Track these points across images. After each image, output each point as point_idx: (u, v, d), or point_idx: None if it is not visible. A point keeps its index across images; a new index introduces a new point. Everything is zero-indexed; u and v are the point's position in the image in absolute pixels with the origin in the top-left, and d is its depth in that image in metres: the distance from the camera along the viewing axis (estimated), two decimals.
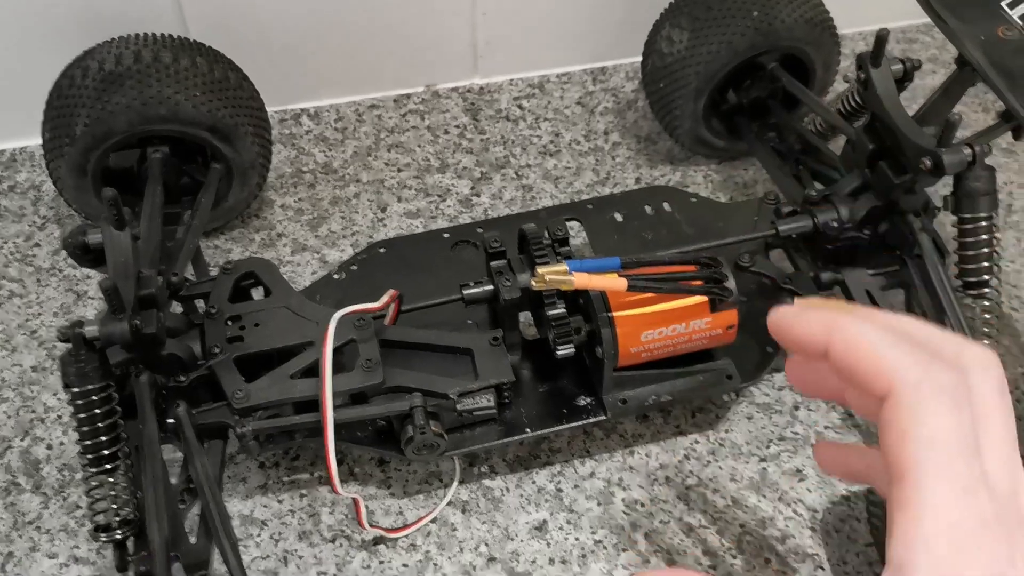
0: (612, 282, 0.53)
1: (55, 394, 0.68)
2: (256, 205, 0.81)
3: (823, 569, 0.61)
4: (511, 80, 0.93)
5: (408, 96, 0.91)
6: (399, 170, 0.85)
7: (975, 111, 0.90)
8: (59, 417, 0.67)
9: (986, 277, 0.60)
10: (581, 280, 0.52)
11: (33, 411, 0.67)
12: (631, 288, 0.53)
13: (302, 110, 0.90)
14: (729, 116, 0.82)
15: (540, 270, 0.52)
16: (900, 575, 0.33)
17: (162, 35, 0.71)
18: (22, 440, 0.66)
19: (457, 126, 0.89)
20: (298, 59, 0.86)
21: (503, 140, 0.88)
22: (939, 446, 0.34)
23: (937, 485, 0.33)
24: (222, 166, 0.72)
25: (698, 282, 0.57)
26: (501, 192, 0.83)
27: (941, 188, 0.64)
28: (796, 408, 0.69)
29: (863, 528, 0.63)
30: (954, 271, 0.62)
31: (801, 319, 0.38)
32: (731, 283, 0.57)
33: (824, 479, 0.65)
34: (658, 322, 0.57)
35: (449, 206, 0.82)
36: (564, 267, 0.52)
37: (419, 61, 0.90)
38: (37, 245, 0.78)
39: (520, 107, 0.91)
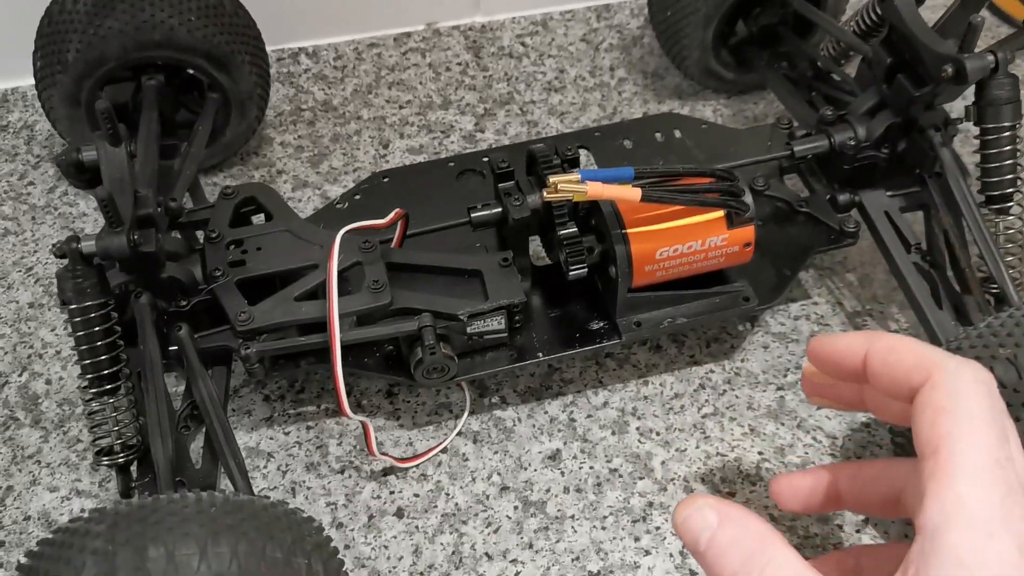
0: (626, 192, 0.51)
1: (53, 330, 0.67)
2: (255, 142, 0.79)
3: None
4: (513, 18, 0.91)
5: (408, 34, 0.89)
6: (400, 107, 0.83)
7: (998, 24, 0.88)
8: (57, 352, 0.65)
9: (1010, 190, 0.58)
10: (595, 189, 0.50)
11: (31, 347, 0.66)
12: (645, 198, 0.51)
13: (300, 49, 0.88)
14: (738, 47, 0.80)
15: (552, 179, 0.51)
16: (935, 537, 0.34)
17: None
18: (20, 375, 0.64)
19: (459, 63, 0.87)
20: None
21: (506, 77, 0.86)
22: (976, 420, 0.36)
23: (972, 452, 0.35)
24: (219, 96, 0.70)
25: (714, 195, 0.55)
26: (505, 128, 0.81)
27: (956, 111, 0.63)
28: (813, 336, 0.67)
29: (885, 455, 0.61)
30: (976, 187, 0.60)
31: (841, 336, 0.42)
32: (748, 197, 0.55)
33: None
34: (674, 238, 0.55)
35: (453, 142, 0.80)
36: (576, 176, 0.51)
37: None
38: (31, 184, 0.76)
39: (523, 44, 0.89)
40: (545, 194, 0.51)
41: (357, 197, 0.66)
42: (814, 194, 0.65)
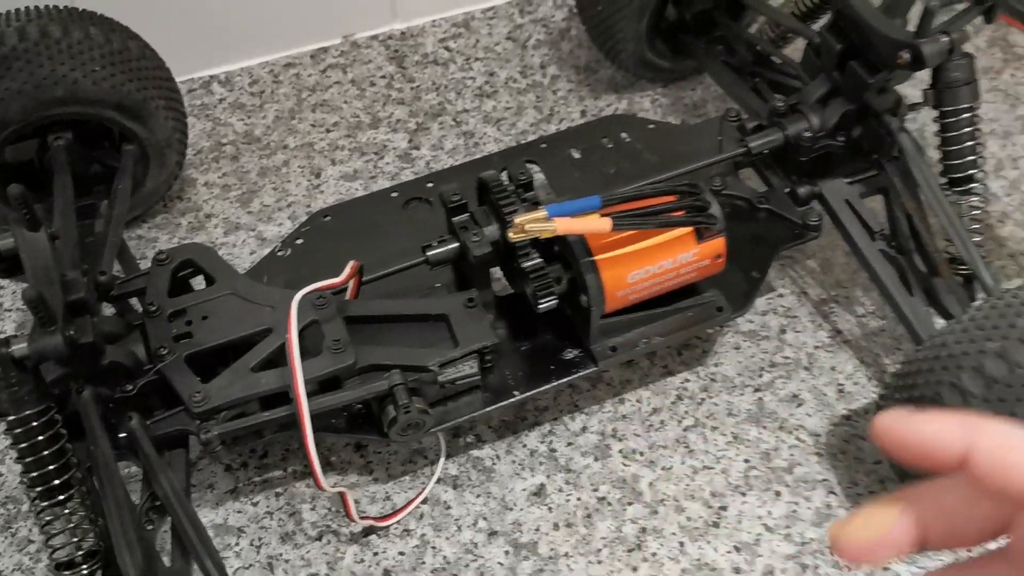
0: (596, 223, 0.49)
1: None
2: (177, 186, 0.74)
3: (835, 494, 0.59)
4: (433, 21, 0.87)
5: (325, 50, 0.85)
6: (328, 130, 0.79)
7: None
8: None
9: (972, 172, 0.57)
10: (564, 225, 0.48)
11: None
12: (616, 227, 0.49)
13: (211, 77, 0.83)
14: (673, 35, 0.77)
15: (517, 219, 0.48)
16: None
17: (46, 7, 0.63)
18: None
19: (383, 76, 0.83)
20: (199, 20, 0.79)
21: (435, 86, 0.82)
22: None
23: None
24: (135, 147, 0.65)
25: (680, 213, 0.53)
26: (442, 142, 0.78)
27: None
28: (783, 332, 0.66)
29: (868, 446, 0.60)
30: (937, 169, 0.59)
31: (930, 420, 0.32)
32: (715, 209, 0.53)
33: (822, 401, 0.62)
34: (644, 260, 0.53)
35: (388, 163, 0.76)
36: (543, 213, 0.48)
37: (332, 10, 0.83)
38: None
39: (448, 49, 0.85)
40: (511, 235, 0.48)
41: (299, 241, 0.62)
42: (772, 189, 0.64)
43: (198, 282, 0.58)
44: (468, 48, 0.85)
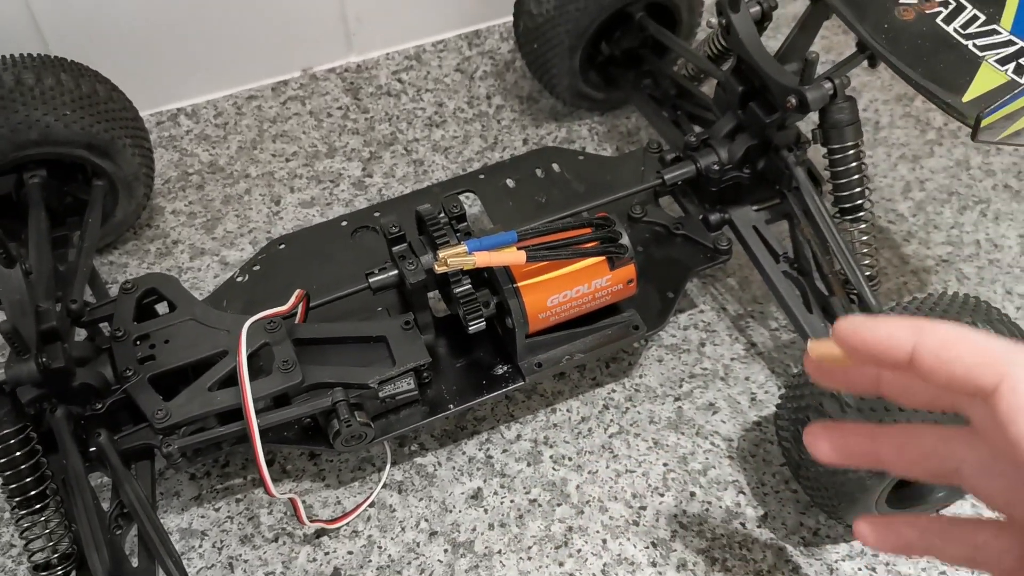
0: (512, 256, 0.55)
1: None
2: (146, 214, 0.79)
3: (744, 493, 0.65)
4: (387, 54, 0.93)
5: (286, 83, 0.90)
6: (287, 160, 0.84)
7: (836, 34, 0.94)
8: None
9: (860, 202, 0.63)
10: (482, 258, 0.54)
11: None
12: (530, 259, 0.55)
13: (179, 110, 0.88)
14: (604, 68, 0.83)
15: (442, 254, 0.54)
16: None
17: (20, 55, 0.69)
18: None
19: (339, 107, 0.88)
20: (166, 57, 0.85)
21: (387, 117, 0.88)
22: None
23: None
24: (105, 182, 0.70)
25: (593, 243, 0.59)
26: (393, 170, 0.83)
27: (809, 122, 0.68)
28: (702, 345, 0.72)
29: (776, 450, 0.67)
30: (830, 199, 0.65)
31: (881, 324, 0.36)
32: (625, 240, 0.59)
33: (735, 409, 0.68)
34: (562, 286, 0.59)
35: (343, 190, 0.82)
36: (463, 248, 0.54)
37: (292, 44, 0.89)
38: None
39: (400, 81, 0.91)
40: (436, 267, 0.54)
41: (256, 268, 0.68)
42: (688, 215, 0.70)
43: (162, 307, 0.63)
44: (419, 80, 0.91)
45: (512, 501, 0.64)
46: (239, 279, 0.67)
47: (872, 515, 0.41)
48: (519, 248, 0.55)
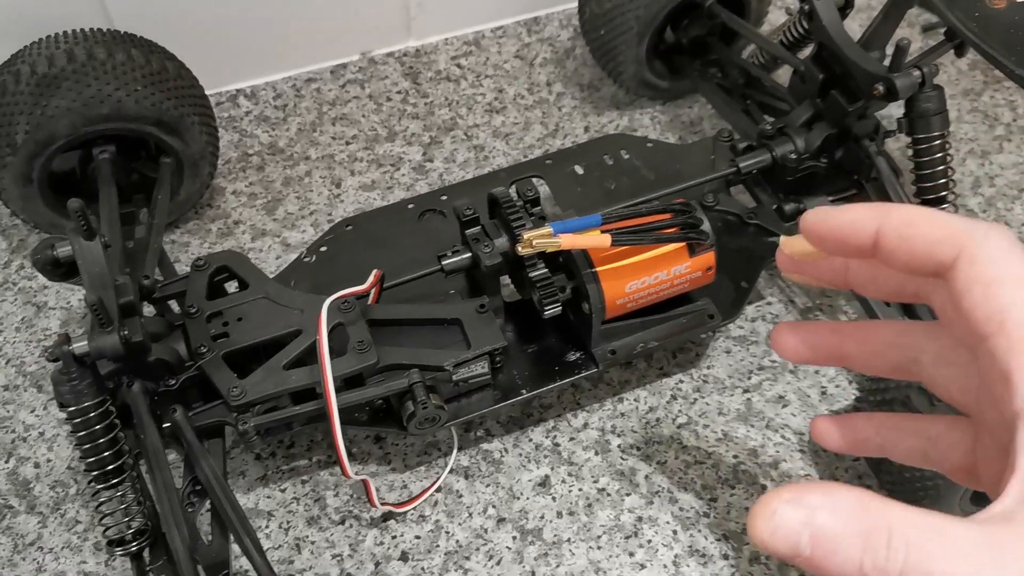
0: (597, 239, 0.54)
1: (32, 411, 0.67)
2: (207, 194, 0.79)
3: None
4: (446, 39, 0.92)
5: (344, 66, 0.90)
6: (347, 143, 0.84)
7: (901, 27, 0.92)
8: (41, 434, 0.65)
9: (944, 193, 0.62)
10: (567, 241, 0.53)
11: (13, 431, 0.66)
12: (615, 243, 0.54)
13: (238, 91, 0.88)
14: (669, 56, 0.82)
15: (526, 235, 0.53)
16: None
17: (91, 30, 0.68)
18: (6, 462, 0.64)
19: (399, 91, 0.88)
20: (227, 37, 0.84)
21: (447, 102, 0.87)
22: None
23: None
24: (172, 160, 0.70)
25: (674, 229, 0.58)
26: (453, 155, 0.83)
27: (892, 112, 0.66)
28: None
29: None
30: (912, 190, 0.64)
31: (846, 211, 0.36)
32: (706, 226, 0.58)
33: (805, 402, 0.67)
34: (641, 272, 0.58)
35: (404, 174, 0.81)
36: (548, 229, 0.53)
37: (351, 28, 0.88)
38: None
39: (459, 66, 0.90)
40: (520, 249, 0.53)
41: (323, 249, 0.67)
42: (761, 205, 0.69)
43: (231, 286, 0.63)
44: (479, 65, 0.90)
45: (580, 489, 0.63)
46: (306, 259, 0.66)
47: (830, 415, 0.43)
48: (603, 231, 0.54)
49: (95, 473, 0.51)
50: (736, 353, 0.70)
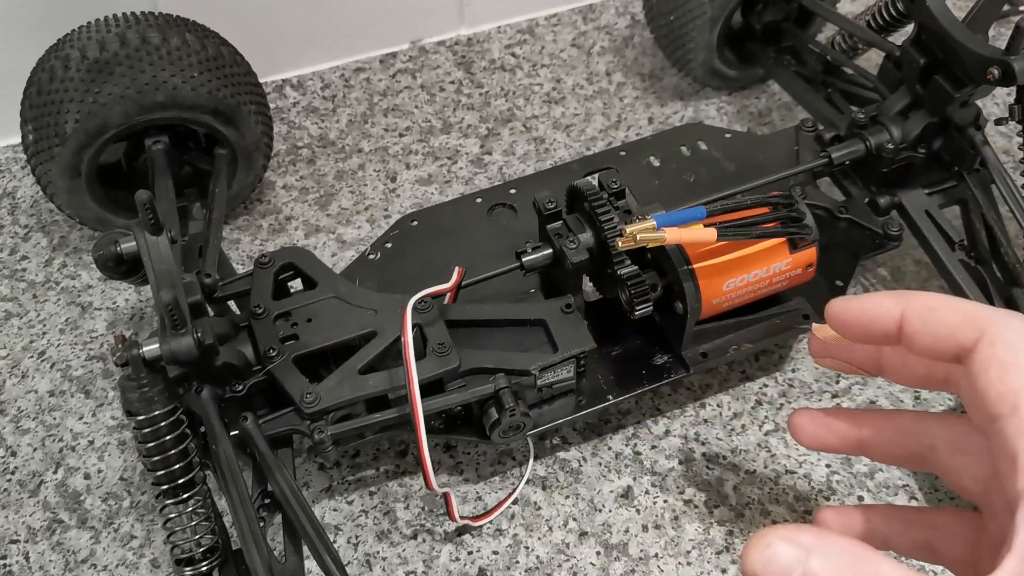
0: (703, 234, 0.50)
1: (80, 418, 0.63)
2: (257, 189, 0.75)
3: (916, 499, 0.60)
4: (499, 28, 0.88)
5: (394, 55, 0.86)
6: (400, 135, 0.80)
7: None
8: (91, 442, 0.62)
9: None
10: (673, 235, 0.49)
11: (60, 439, 0.62)
12: (721, 238, 0.50)
13: (284, 80, 0.84)
14: (740, 44, 0.78)
15: (628, 228, 0.49)
16: None
17: (142, 13, 0.65)
18: (55, 472, 0.60)
19: (452, 82, 0.84)
20: (272, 25, 0.80)
21: (503, 92, 0.83)
22: None
23: None
24: (227, 151, 0.66)
25: (774, 223, 0.54)
26: (512, 147, 0.79)
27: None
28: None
29: None
30: (1022, 182, 0.60)
31: (867, 297, 0.39)
32: (809, 220, 0.55)
33: (900, 407, 0.63)
34: (739, 269, 0.54)
35: (461, 168, 0.77)
36: (652, 223, 0.49)
37: (401, 16, 0.85)
38: (25, 258, 0.71)
39: (514, 55, 0.86)
40: (620, 244, 0.49)
41: (388, 245, 0.63)
42: (852, 199, 0.65)
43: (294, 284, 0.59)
44: (534, 54, 0.86)
45: (666, 501, 0.59)
46: (371, 256, 0.63)
47: (835, 506, 0.45)
48: (707, 225, 0.50)
49: (164, 487, 0.47)
50: None
